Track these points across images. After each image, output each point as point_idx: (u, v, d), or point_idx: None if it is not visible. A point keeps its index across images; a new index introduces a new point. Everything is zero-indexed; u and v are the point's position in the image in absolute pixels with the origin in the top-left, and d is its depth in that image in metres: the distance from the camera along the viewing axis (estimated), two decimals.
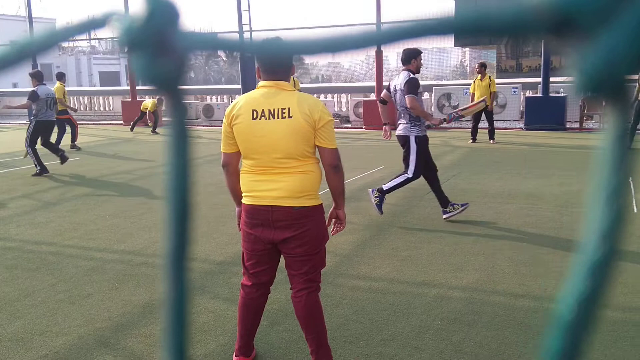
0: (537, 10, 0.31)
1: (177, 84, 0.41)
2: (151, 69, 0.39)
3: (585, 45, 0.30)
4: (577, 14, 0.30)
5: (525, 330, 3.58)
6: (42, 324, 3.86)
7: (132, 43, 0.39)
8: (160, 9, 0.39)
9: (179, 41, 0.39)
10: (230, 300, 4.10)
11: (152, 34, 0.39)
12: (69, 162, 10.76)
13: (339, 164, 2.94)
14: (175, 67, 0.40)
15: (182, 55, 0.40)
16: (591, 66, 0.30)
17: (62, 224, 6.50)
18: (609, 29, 0.30)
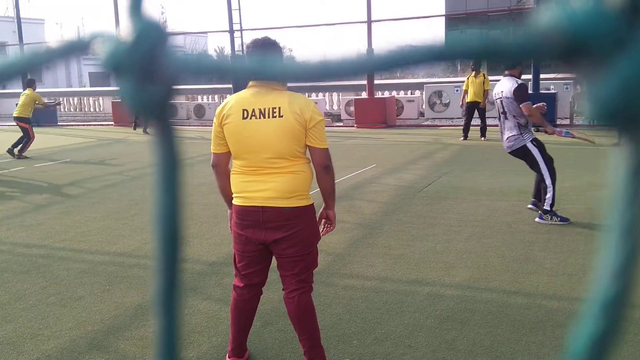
0: (547, 37, 0.30)
1: (165, 110, 0.39)
2: (138, 94, 0.37)
3: (599, 73, 0.29)
4: (589, 40, 0.29)
5: (518, 327, 3.59)
6: (34, 327, 3.83)
7: (118, 67, 0.37)
8: (147, 31, 0.37)
9: (167, 65, 0.37)
10: (223, 301, 4.08)
11: (139, 58, 0.37)
12: (60, 163, 10.70)
13: (330, 164, 2.93)
14: (164, 93, 0.38)
15: (170, 80, 0.38)
16: (606, 95, 0.29)
17: (52, 226, 6.46)
18: (624, 57, 0.29)
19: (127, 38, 0.37)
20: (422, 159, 10.59)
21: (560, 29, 0.30)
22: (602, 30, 0.29)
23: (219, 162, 2.99)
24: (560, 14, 0.30)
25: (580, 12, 0.29)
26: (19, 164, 11.41)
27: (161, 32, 0.37)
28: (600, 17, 0.29)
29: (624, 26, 0.29)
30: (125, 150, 13.46)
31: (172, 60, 0.37)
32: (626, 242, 0.31)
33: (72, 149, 14.13)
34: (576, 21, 0.29)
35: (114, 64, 0.37)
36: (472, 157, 10.55)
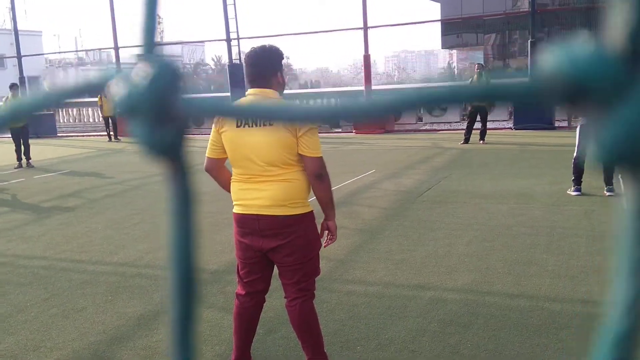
0: (550, 83, 0.31)
1: (179, 151, 0.39)
2: (152, 136, 0.37)
3: (603, 117, 0.30)
4: (591, 85, 0.30)
5: (521, 330, 3.59)
6: (36, 340, 3.82)
7: (133, 109, 0.37)
8: (162, 73, 0.37)
9: (180, 106, 0.37)
10: (225, 309, 4.08)
11: (155, 100, 0.37)
12: (60, 174, 10.70)
13: (324, 173, 2.87)
14: (177, 133, 0.38)
15: (183, 121, 0.38)
16: (609, 139, 0.30)
17: (53, 237, 6.45)
18: (626, 102, 0.29)
19: (142, 80, 0.37)
20: (421, 164, 10.60)
21: (563, 74, 0.30)
22: (603, 75, 0.30)
23: (212, 167, 2.99)
24: (563, 58, 0.30)
25: (581, 57, 0.30)
26: (19, 176, 11.41)
27: (175, 73, 0.37)
28: (602, 62, 0.30)
29: (625, 71, 0.29)
30: (124, 160, 13.47)
31: (185, 101, 0.37)
32: (635, 280, 0.32)
33: (72, 159, 14.14)
34: (578, 66, 0.30)
35: (129, 107, 0.37)
36: (471, 161, 10.57)
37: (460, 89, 0.33)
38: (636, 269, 0.32)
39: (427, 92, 0.33)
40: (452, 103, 0.34)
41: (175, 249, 0.41)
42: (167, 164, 0.39)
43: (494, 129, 15.11)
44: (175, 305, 0.41)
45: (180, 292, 0.41)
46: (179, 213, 0.40)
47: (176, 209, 0.40)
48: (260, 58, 2.90)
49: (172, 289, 0.41)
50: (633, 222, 0.31)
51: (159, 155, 0.38)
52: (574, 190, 7.22)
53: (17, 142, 12.32)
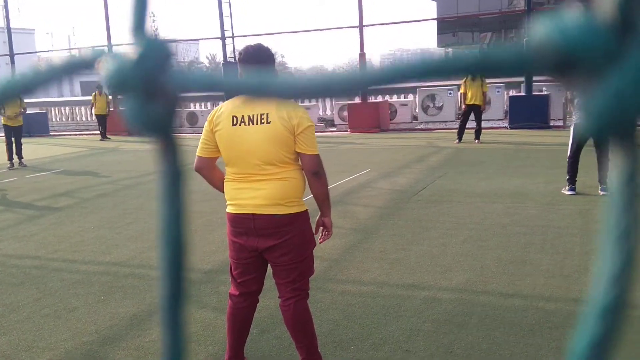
0: (539, 52, 0.31)
1: (169, 128, 0.39)
2: (143, 113, 0.37)
3: (592, 86, 0.30)
4: (581, 54, 0.30)
5: (515, 329, 3.58)
6: (28, 340, 3.79)
7: (122, 86, 0.37)
8: (152, 50, 0.37)
9: (170, 83, 0.37)
10: (218, 310, 4.05)
11: (144, 77, 0.37)
12: (52, 173, 10.65)
13: (321, 171, 2.89)
14: (168, 111, 0.38)
15: (173, 98, 0.38)
16: (599, 108, 0.30)
17: (46, 237, 6.41)
18: (616, 70, 0.29)
19: (131, 56, 0.37)
20: (416, 163, 10.60)
21: (553, 44, 0.30)
22: (593, 44, 0.30)
23: (203, 166, 2.96)
24: (553, 29, 0.31)
25: (571, 27, 0.30)
26: (12, 175, 11.35)
27: (165, 49, 0.37)
28: (591, 31, 0.30)
29: (615, 40, 0.30)
30: (117, 159, 13.41)
31: (175, 77, 0.37)
32: (622, 247, 0.32)
33: (65, 158, 14.08)
34: (568, 36, 0.30)
35: (117, 83, 0.37)
36: (466, 160, 10.57)
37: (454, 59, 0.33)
38: (624, 238, 0.31)
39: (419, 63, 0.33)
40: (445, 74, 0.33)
41: (165, 226, 0.41)
42: (157, 140, 0.39)
43: (489, 128, 15.13)
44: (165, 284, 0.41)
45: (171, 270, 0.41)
46: (169, 190, 0.40)
47: (166, 186, 0.40)
48: (257, 55, 2.89)
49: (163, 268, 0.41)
50: (622, 191, 0.31)
51: (148, 132, 0.38)
52: (569, 189, 7.23)
53: (9, 140, 12.11)
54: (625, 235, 0.31)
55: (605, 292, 0.32)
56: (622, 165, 0.31)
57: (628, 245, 0.31)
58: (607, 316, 0.32)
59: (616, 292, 0.32)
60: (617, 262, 0.31)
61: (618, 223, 0.31)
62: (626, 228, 0.31)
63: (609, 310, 0.32)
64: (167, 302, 0.41)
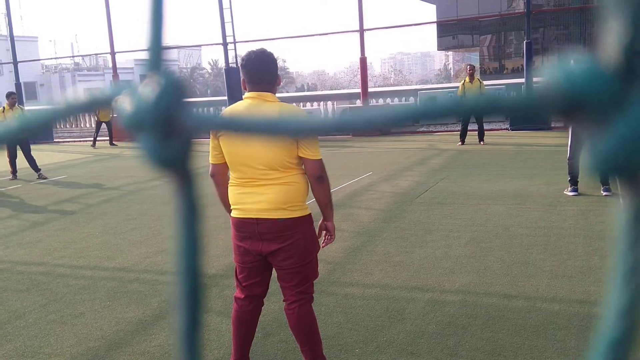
0: (547, 95, 0.32)
1: (186, 164, 0.40)
2: (160, 150, 0.38)
3: (598, 130, 0.31)
4: (586, 99, 0.31)
5: (519, 330, 3.59)
6: (34, 346, 3.81)
7: (141, 124, 0.38)
8: (169, 89, 0.38)
9: (186, 121, 0.38)
10: (224, 314, 4.08)
11: (161, 116, 0.37)
12: (57, 180, 10.67)
13: (324, 175, 2.90)
14: (184, 148, 0.39)
15: (189, 135, 0.39)
16: (605, 152, 0.31)
17: (51, 243, 6.44)
18: (621, 115, 0.30)
19: (149, 96, 0.38)
20: (418, 166, 10.61)
21: (559, 88, 0.31)
22: (598, 90, 0.30)
23: (216, 172, 3.01)
24: (559, 73, 0.31)
25: (577, 73, 0.31)
26: (17, 182, 11.40)
27: (181, 88, 0.38)
28: (597, 77, 0.31)
29: (620, 86, 0.30)
30: (121, 165, 13.45)
31: (191, 116, 0.38)
32: (630, 284, 0.32)
33: (69, 165, 14.13)
34: (574, 81, 0.31)
35: (136, 121, 0.38)
36: (468, 162, 10.58)
37: (461, 102, 0.34)
38: (630, 275, 0.32)
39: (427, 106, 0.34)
40: (452, 116, 0.35)
41: (182, 258, 0.42)
42: (173, 176, 0.40)
43: (490, 130, 15.14)
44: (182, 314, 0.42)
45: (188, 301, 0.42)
46: (185, 224, 0.41)
47: (182, 219, 0.41)
48: (260, 61, 2.91)
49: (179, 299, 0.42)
50: (628, 229, 0.32)
51: (165, 168, 0.39)
52: (571, 190, 7.25)
53: (12, 153, 11.60)
54: (633, 272, 0.32)
55: (614, 326, 0.33)
56: (628, 205, 0.32)
57: (636, 282, 0.32)
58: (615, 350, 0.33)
59: (625, 326, 0.33)
60: (626, 297, 0.32)
61: (625, 260, 0.32)
62: (633, 265, 0.32)
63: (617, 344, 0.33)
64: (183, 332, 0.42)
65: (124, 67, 49.63)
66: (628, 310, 0.32)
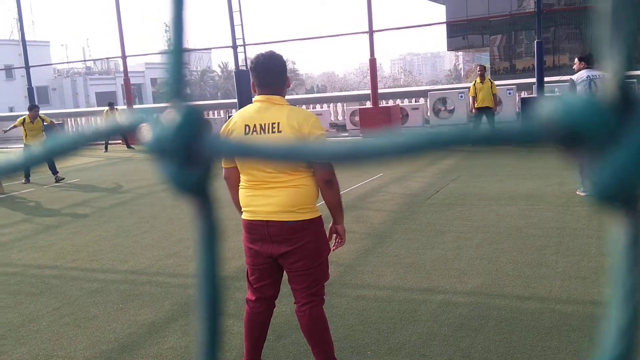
0: (546, 127, 0.33)
1: (205, 190, 0.42)
2: (180, 176, 0.40)
3: (596, 160, 0.32)
4: (584, 131, 0.32)
5: (532, 332, 3.57)
6: (48, 349, 3.84)
7: (162, 151, 0.40)
8: (189, 117, 0.40)
9: (206, 148, 0.40)
10: (235, 316, 4.08)
11: (182, 144, 0.39)
12: (69, 183, 10.74)
13: (333, 179, 2.90)
14: (203, 174, 0.41)
15: (209, 162, 0.41)
16: (603, 181, 0.32)
17: (64, 246, 6.49)
18: (618, 147, 0.32)
19: (171, 123, 0.40)
20: (428, 166, 10.58)
21: (558, 121, 0.33)
22: (596, 122, 0.32)
23: (229, 175, 3.04)
24: (558, 106, 0.33)
25: (575, 105, 0.33)
26: (29, 186, 11.50)
27: (200, 118, 0.40)
28: (594, 110, 0.32)
29: (616, 118, 0.32)
30: (133, 168, 13.53)
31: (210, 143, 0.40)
32: (629, 304, 0.34)
33: (81, 168, 14.23)
34: (572, 114, 0.32)
35: (159, 148, 0.40)
36: (479, 163, 10.53)
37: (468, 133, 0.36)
38: (629, 297, 0.33)
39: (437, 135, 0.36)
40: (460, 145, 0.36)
41: (202, 279, 0.43)
42: (193, 201, 0.42)
43: None
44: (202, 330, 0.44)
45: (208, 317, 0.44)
46: (206, 246, 0.43)
47: (202, 242, 0.43)
48: (269, 64, 2.92)
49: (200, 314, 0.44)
50: (627, 253, 0.34)
51: (185, 193, 0.41)
52: (584, 190, 7.19)
53: None
54: (632, 292, 0.33)
55: (614, 345, 0.34)
56: (625, 230, 0.34)
57: (634, 302, 0.33)
58: None
59: (625, 344, 0.33)
60: (625, 316, 0.33)
61: (624, 282, 0.34)
62: (632, 286, 0.33)
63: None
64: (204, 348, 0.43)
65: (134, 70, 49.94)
66: (628, 329, 0.34)
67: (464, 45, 37.43)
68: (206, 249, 0.42)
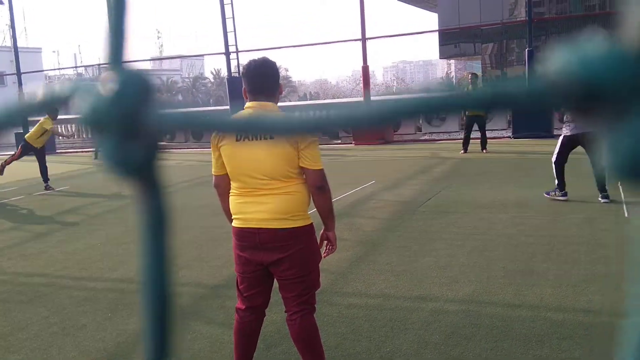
0: (557, 85, 0.28)
1: (150, 169, 0.36)
2: (120, 154, 0.34)
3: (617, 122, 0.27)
4: (606, 88, 0.26)
5: (524, 340, 3.57)
6: (37, 358, 3.80)
7: (98, 124, 0.34)
8: (131, 85, 0.33)
9: (152, 121, 0.34)
10: (225, 325, 4.06)
11: (121, 115, 0.33)
12: (59, 191, 10.68)
13: (325, 185, 2.89)
14: (148, 150, 0.35)
15: (155, 137, 0.34)
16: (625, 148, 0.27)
17: (53, 254, 6.44)
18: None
19: (108, 92, 0.33)
20: (421, 174, 10.60)
21: (573, 77, 0.27)
22: (619, 75, 0.26)
23: (219, 183, 3.01)
24: (571, 58, 0.27)
25: (594, 57, 0.27)
26: (19, 193, 11.42)
27: (144, 85, 0.34)
28: (618, 61, 0.26)
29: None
30: None
31: (158, 114, 0.34)
32: None
33: (71, 176, 14.15)
34: (589, 66, 0.27)
35: (93, 122, 0.34)
36: (471, 171, 10.56)
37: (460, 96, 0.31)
38: None
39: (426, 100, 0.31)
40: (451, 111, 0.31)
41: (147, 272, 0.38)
42: (136, 183, 0.36)
43: (492, 138, 15.12)
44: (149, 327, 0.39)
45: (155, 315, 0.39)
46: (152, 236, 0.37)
47: (147, 230, 0.37)
48: (261, 70, 2.91)
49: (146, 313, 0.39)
50: None
51: (125, 173, 0.35)
52: (561, 195, 7.27)
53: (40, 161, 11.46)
54: None
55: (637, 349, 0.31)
56: None
57: None
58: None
59: None
60: None
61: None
62: None
63: None
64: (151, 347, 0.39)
65: None
66: None
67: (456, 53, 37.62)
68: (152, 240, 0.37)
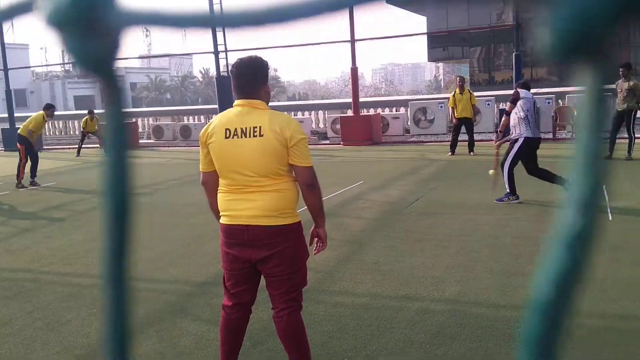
0: None
1: (110, 65, 0.37)
2: (82, 49, 0.36)
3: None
4: None
5: (508, 340, 3.60)
6: (20, 353, 3.77)
7: (61, 22, 0.35)
8: None
9: (113, 17, 0.35)
10: (212, 322, 4.05)
11: (82, 11, 0.35)
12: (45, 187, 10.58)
13: (315, 183, 2.91)
14: (109, 46, 0.36)
15: (116, 33, 0.36)
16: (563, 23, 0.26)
17: (38, 250, 6.38)
18: None
19: None
20: (408, 175, 10.64)
21: None
22: None
23: (207, 180, 3.01)
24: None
25: None
26: (4, 188, 11.30)
27: None
28: None
29: None
30: None
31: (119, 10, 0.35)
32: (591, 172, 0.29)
33: (57, 172, 14.03)
34: None
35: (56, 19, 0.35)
36: (458, 172, 10.62)
37: None
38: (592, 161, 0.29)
39: None
40: None
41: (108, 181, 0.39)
42: (98, 79, 0.37)
43: (479, 140, 15.21)
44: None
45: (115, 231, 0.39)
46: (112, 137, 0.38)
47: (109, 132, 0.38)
48: (250, 68, 2.91)
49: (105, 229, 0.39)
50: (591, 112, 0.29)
51: (88, 69, 0.37)
52: (515, 199, 7.48)
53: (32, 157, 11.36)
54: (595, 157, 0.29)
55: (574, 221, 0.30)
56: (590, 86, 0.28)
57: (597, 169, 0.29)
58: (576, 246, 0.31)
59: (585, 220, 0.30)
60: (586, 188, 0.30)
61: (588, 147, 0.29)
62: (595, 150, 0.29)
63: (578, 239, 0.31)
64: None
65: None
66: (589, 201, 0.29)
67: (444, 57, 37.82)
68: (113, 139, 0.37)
